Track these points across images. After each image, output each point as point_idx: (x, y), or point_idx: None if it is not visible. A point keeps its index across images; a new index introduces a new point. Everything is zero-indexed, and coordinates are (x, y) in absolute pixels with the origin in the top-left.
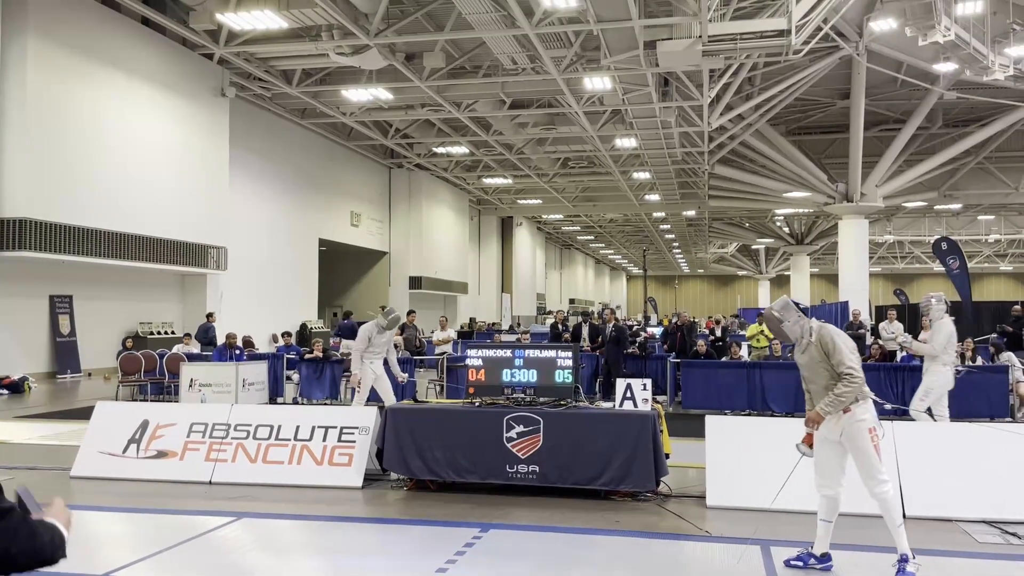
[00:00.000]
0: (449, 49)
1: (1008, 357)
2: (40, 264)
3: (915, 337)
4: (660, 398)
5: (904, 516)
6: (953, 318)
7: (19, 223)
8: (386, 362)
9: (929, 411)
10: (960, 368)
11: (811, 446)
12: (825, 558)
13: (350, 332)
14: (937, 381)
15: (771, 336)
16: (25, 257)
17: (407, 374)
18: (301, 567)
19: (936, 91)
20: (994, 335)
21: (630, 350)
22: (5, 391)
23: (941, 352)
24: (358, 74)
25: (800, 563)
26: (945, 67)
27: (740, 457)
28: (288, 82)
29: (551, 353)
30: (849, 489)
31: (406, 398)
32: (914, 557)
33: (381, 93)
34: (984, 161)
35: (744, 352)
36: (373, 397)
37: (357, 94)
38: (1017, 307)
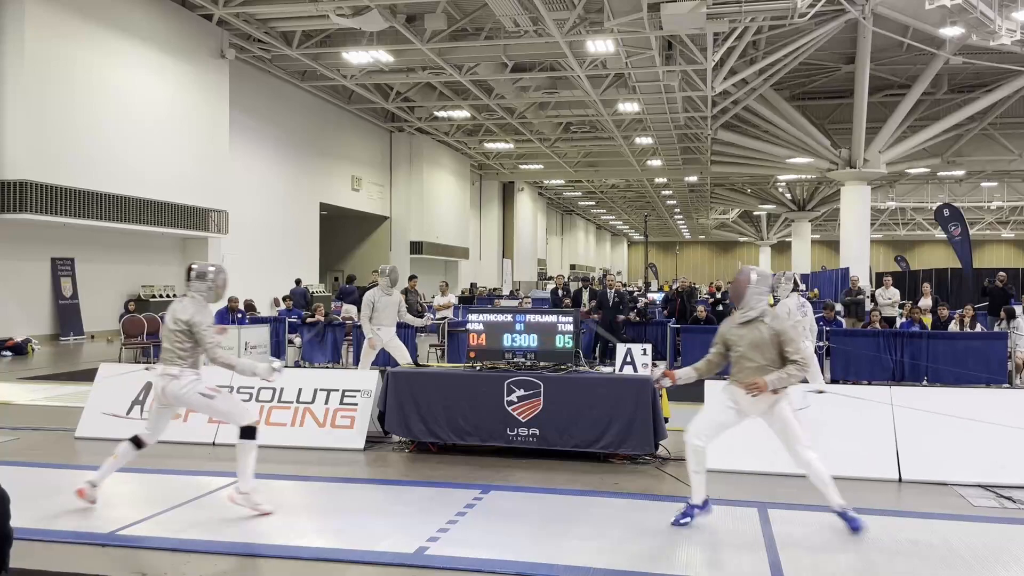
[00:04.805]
0: (450, 10)
1: (1017, 324)
2: (41, 226)
3: (914, 304)
4: (660, 363)
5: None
6: (804, 294)
7: (20, 185)
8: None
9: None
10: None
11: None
12: (705, 505)
13: (350, 296)
14: None
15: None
16: (26, 219)
17: (430, 314)
18: (304, 527)
19: (942, 56)
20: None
21: (627, 316)
22: (9, 353)
23: None
24: (359, 36)
25: (688, 518)
26: (951, 31)
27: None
28: (288, 44)
29: (552, 318)
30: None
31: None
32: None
33: (382, 55)
34: (988, 127)
35: None
36: (380, 362)
37: (358, 56)
38: (1002, 274)
